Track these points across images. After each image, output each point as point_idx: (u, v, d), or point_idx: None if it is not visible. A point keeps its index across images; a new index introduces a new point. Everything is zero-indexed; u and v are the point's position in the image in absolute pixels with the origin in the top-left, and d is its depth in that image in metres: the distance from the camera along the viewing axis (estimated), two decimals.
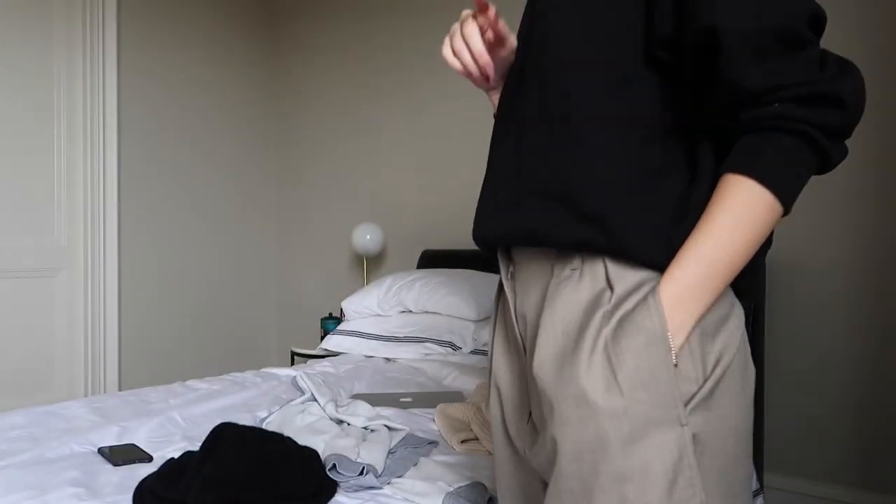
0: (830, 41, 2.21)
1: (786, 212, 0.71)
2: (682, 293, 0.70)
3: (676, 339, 0.70)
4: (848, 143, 2.20)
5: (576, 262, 0.76)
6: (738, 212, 0.69)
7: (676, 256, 0.72)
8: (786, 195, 0.69)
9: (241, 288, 3.72)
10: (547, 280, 0.80)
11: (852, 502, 2.18)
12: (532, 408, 0.83)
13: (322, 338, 3.13)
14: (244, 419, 1.72)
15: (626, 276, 0.73)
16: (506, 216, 0.82)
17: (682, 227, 0.73)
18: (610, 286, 0.73)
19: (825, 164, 0.71)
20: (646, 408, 0.70)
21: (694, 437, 0.70)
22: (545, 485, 0.86)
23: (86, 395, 3.01)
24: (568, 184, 0.75)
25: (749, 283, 0.78)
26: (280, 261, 3.89)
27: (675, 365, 0.70)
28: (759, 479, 2.05)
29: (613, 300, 0.72)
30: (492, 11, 0.84)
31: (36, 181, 2.91)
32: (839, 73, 0.68)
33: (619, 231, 0.72)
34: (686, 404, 0.70)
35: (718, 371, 0.72)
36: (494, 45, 0.88)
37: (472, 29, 0.83)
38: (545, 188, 0.77)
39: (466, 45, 0.84)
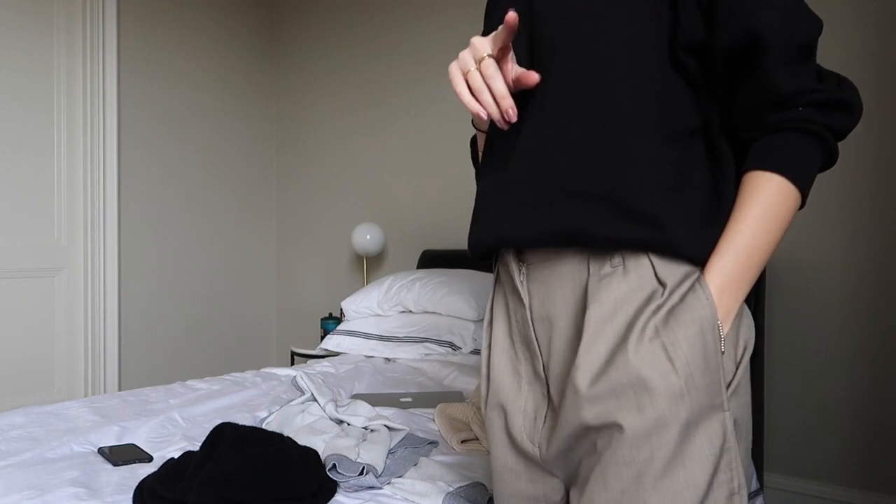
0: (829, 43, 2.22)
1: (802, 205, 0.78)
2: (727, 282, 0.76)
3: (724, 327, 0.76)
4: (848, 142, 2.20)
5: (616, 259, 0.78)
6: (769, 205, 0.76)
7: (717, 248, 0.77)
8: (806, 190, 0.77)
9: (241, 288, 3.72)
10: (581, 278, 0.80)
11: (852, 502, 2.18)
12: (561, 408, 0.81)
13: (322, 338, 3.13)
14: (244, 419, 1.72)
15: (674, 271, 0.76)
16: (536, 216, 0.81)
17: (718, 223, 0.78)
18: (661, 282, 0.76)
19: (829, 163, 0.79)
20: (701, 394, 0.73)
21: (735, 421, 0.75)
22: (566, 492, 0.86)
23: (86, 395, 3.01)
24: (613, 183, 0.77)
25: None
26: (280, 261, 3.89)
27: (723, 352, 0.75)
28: (759, 479, 2.05)
29: (666, 294, 0.76)
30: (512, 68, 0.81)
31: (36, 181, 2.91)
32: (840, 83, 0.76)
33: (669, 228, 0.76)
34: (727, 389, 0.75)
35: (745, 359, 0.78)
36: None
37: (493, 70, 0.77)
38: (585, 187, 0.78)
39: (487, 85, 0.78)
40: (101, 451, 1.44)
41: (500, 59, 0.79)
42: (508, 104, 0.77)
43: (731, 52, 0.76)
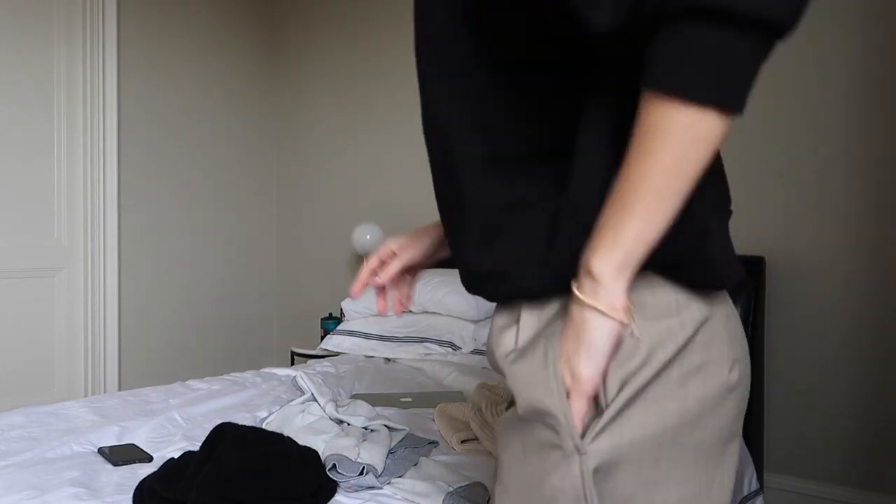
0: (831, 38, 2.22)
1: (733, 112, 0.54)
2: (579, 295, 0.63)
3: (560, 366, 0.65)
4: (851, 142, 2.20)
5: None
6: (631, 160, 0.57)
7: (580, 267, 0.63)
8: (708, 94, 0.53)
9: (241, 288, 3.72)
10: None
11: (852, 502, 2.18)
12: None
13: (322, 338, 3.13)
14: (244, 419, 1.72)
15: (534, 310, 0.70)
16: None
17: (558, 246, 0.66)
18: (518, 321, 0.71)
19: (761, 51, 0.53)
20: (536, 430, 0.67)
21: (597, 467, 0.65)
22: None
23: (86, 395, 3.01)
24: (454, 243, 0.77)
25: (707, 273, 0.68)
26: (280, 261, 3.89)
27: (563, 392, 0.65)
28: (760, 479, 2.05)
29: (519, 331, 0.70)
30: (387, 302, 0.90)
31: (36, 181, 2.91)
32: None
33: (500, 280, 0.70)
34: (584, 434, 0.65)
35: (625, 393, 0.65)
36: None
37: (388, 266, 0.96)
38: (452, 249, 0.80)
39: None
40: (101, 451, 1.44)
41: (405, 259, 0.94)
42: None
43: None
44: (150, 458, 1.41)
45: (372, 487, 1.27)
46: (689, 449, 0.67)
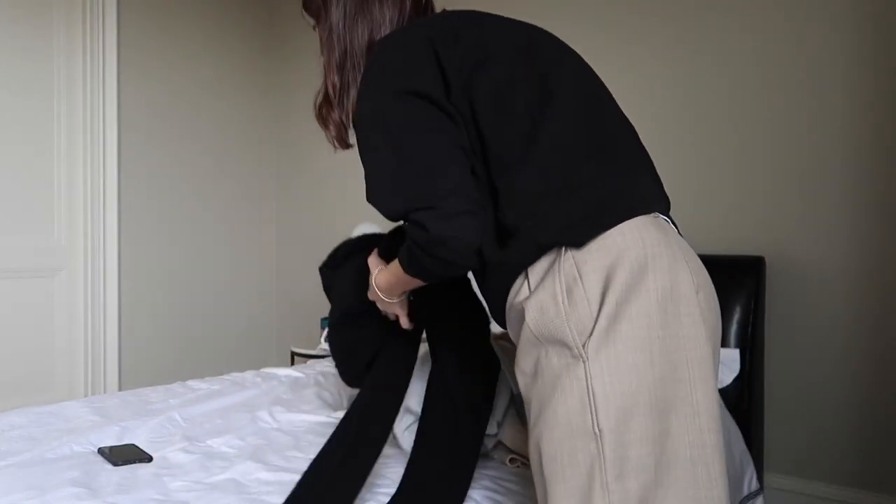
0: (831, 38, 2.21)
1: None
2: None
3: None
4: (852, 141, 2.20)
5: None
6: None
7: None
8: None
9: (241, 288, 3.72)
10: None
11: (852, 502, 2.18)
12: None
13: (322, 338, 3.13)
14: (244, 419, 1.72)
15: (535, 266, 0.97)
16: None
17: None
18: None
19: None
20: (549, 346, 0.96)
21: (600, 369, 0.91)
22: None
23: (86, 395, 3.01)
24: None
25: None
26: (280, 261, 3.89)
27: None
28: (760, 479, 2.05)
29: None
30: None
31: (36, 181, 2.91)
32: None
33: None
34: (584, 345, 0.94)
35: (609, 310, 0.89)
36: None
37: None
38: None
39: None
40: (101, 451, 1.44)
41: None
42: None
43: None
44: (150, 458, 1.41)
45: None
46: (680, 341, 0.86)
